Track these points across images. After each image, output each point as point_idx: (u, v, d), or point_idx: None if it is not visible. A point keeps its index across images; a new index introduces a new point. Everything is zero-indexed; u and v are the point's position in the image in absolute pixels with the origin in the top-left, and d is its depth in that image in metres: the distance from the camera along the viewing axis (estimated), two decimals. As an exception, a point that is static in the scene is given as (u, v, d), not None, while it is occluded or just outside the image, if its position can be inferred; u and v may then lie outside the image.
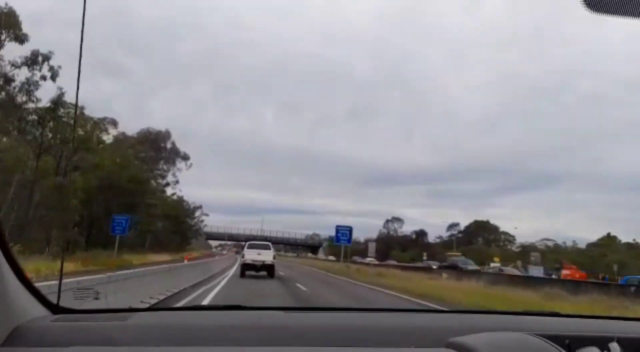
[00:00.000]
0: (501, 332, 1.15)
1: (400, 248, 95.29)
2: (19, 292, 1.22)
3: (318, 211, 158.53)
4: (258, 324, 1.37)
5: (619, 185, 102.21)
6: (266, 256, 22.74)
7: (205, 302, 10.99)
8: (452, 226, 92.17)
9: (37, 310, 1.29)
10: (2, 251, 1.11)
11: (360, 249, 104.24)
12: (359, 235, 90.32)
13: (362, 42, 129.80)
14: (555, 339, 1.06)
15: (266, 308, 1.74)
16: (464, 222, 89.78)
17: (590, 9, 1.17)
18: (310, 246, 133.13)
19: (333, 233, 42.91)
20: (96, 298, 5.29)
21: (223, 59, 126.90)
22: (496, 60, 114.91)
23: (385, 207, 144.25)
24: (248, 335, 1.24)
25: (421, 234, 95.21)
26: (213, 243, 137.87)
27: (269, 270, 22.26)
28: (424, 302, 14.19)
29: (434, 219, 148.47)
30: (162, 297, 10.34)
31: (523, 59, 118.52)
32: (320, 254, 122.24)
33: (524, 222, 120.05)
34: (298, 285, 19.81)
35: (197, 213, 76.94)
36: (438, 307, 11.46)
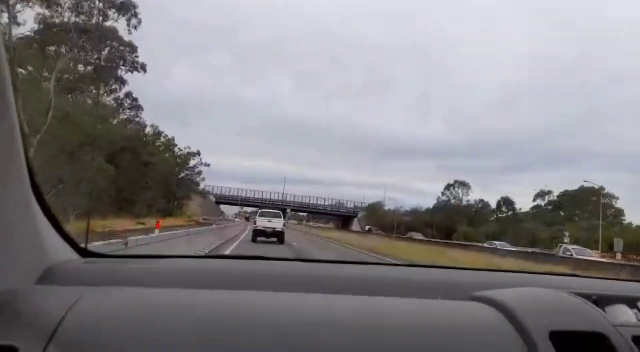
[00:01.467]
0: (525, 288, 1.18)
1: (466, 221, 72.59)
2: (50, 234, 1.26)
3: (334, 182, 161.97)
4: (281, 272, 1.43)
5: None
6: (276, 223, 25.82)
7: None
8: (541, 195, 68.74)
9: (68, 253, 1.35)
10: (34, 192, 1.14)
11: (418, 224, 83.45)
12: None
13: (382, 13, 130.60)
14: (581, 296, 1.10)
15: (290, 259, 1.79)
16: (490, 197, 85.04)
17: None
18: (341, 215, 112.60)
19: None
20: (125, 244, 5.66)
21: (240, 27, 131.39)
22: (519, 36, 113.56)
23: (401, 180, 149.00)
24: (271, 281, 1.29)
25: (506, 202, 72.08)
26: (227, 210, 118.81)
27: (279, 236, 25.25)
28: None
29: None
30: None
31: (546, 36, 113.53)
32: (355, 226, 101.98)
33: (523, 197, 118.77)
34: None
35: (194, 162, 55.50)
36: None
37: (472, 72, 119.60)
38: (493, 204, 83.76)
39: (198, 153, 58.34)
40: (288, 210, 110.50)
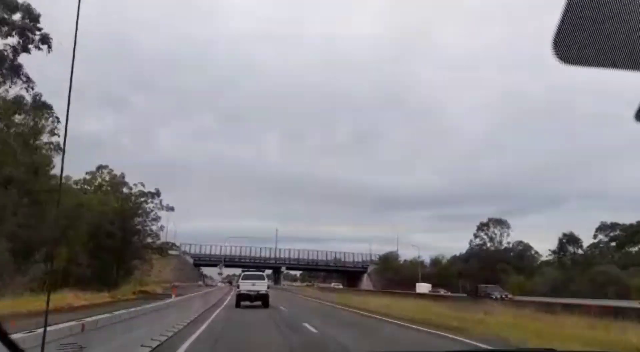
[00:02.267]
0: None
1: (512, 268, 56.86)
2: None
3: (328, 238, 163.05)
4: None
5: (625, 202, 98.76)
6: (260, 286, 25.20)
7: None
8: (604, 228, 53.86)
9: None
10: None
11: (446, 276, 67.63)
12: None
13: (363, 68, 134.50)
14: None
15: None
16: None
17: (561, 60, 1.32)
18: (346, 271, 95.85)
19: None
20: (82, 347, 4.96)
21: (225, 90, 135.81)
22: (497, 81, 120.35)
23: (393, 232, 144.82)
24: None
25: (572, 240, 57.13)
26: (212, 272, 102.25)
27: (263, 300, 24.80)
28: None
29: (446, 242, 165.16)
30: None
31: (525, 79, 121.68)
32: (366, 283, 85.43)
33: (541, 243, 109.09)
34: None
35: (150, 204, 39.37)
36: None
37: (458, 118, 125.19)
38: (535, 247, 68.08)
39: (157, 193, 42.44)
40: (283, 269, 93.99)
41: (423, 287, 64.74)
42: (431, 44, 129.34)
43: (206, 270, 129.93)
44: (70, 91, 1.28)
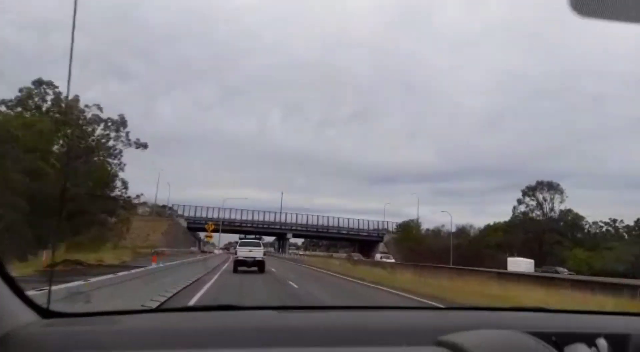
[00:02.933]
0: (490, 330, 1.24)
1: (569, 241, 46.81)
2: (8, 297, 1.26)
3: (326, 210, 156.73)
4: (249, 324, 1.47)
5: (622, 183, 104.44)
6: (257, 252, 26.73)
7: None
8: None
9: (27, 315, 1.32)
10: None
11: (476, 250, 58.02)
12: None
13: (364, 44, 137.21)
14: (542, 336, 1.18)
15: (258, 308, 1.79)
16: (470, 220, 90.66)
17: (578, 13, 1.26)
18: (358, 240, 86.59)
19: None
20: (87, 302, 5.29)
21: (228, 63, 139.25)
22: (498, 61, 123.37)
23: (389, 206, 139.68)
24: (240, 336, 1.33)
25: None
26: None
27: (259, 265, 26.25)
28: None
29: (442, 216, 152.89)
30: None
31: (525, 59, 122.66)
32: (379, 254, 76.32)
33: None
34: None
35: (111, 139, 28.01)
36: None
37: (457, 96, 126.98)
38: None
39: (122, 123, 31.66)
40: (289, 235, 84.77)
41: (522, 264, 45.55)
42: (432, 20, 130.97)
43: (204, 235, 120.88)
44: (70, 61, 1.37)
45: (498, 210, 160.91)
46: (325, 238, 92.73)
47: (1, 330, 1.13)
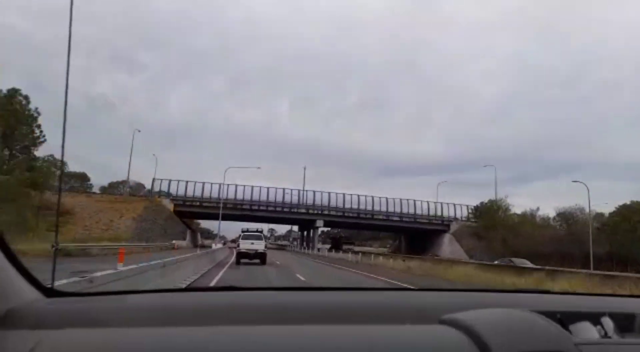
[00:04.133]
0: (493, 308, 1.26)
1: None
2: (11, 275, 1.29)
3: None
4: (252, 303, 1.50)
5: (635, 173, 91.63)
6: (258, 245, 27.49)
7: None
8: None
9: (31, 293, 1.35)
10: None
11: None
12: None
13: (375, 32, 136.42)
14: (547, 314, 1.20)
15: (261, 288, 1.85)
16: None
17: None
18: (410, 230, 64.27)
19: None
20: (90, 282, 5.38)
21: (237, 53, 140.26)
22: (511, 49, 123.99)
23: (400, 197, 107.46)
24: (243, 314, 1.36)
25: None
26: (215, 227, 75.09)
27: (261, 257, 27.27)
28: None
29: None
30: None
31: (537, 48, 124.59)
32: (449, 249, 54.55)
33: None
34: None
35: None
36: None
37: (468, 86, 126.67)
38: None
39: None
40: (318, 223, 62.15)
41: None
42: (442, 8, 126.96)
43: (203, 224, 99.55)
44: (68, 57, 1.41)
45: (515, 202, 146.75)
46: (370, 227, 69.96)
47: (5, 306, 1.16)
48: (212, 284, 17.05)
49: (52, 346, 0.94)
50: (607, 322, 1.32)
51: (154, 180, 57.76)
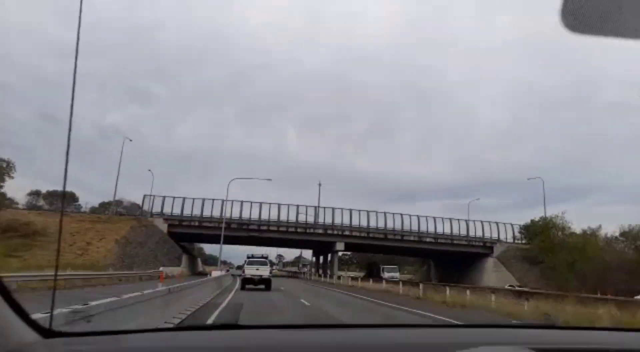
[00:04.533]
0: (497, 346, 1.30)
1: None
2: (9, 316, 1.28)
3: None
4: (256, 344, 1.47)
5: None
6: (263, 271, 28.03)
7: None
8: None
9: (29, 335, 1.34)
10: None
11: None
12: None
13: (378, 60, 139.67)
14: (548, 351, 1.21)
15: (265, 327, 1.84)
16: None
17: (570, 30, 1.31)
18: (440, 254, 55.69)
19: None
20: (88, 321, 5.27)
21: (245, 83, 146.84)
22: (512, 73, 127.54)
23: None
24: None
25: None
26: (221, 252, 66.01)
27: (266, 283, 27.60)
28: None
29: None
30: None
31: (539, 71, 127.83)
32: (494, 276, 45.79)
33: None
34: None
35: None
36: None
37: (472, 111, 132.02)
38: None
39: None
40: (338, 245, 53.50)
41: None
42: (447, 35, 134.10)
43: (205, 248, 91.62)
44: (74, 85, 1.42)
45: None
46: (398, 251, 60.82)
47: (2, 349, 1.15)
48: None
49: None
50: None
51: (144, 197, 49.89)
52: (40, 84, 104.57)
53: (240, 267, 44.52)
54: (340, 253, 54.76)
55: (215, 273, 37.85)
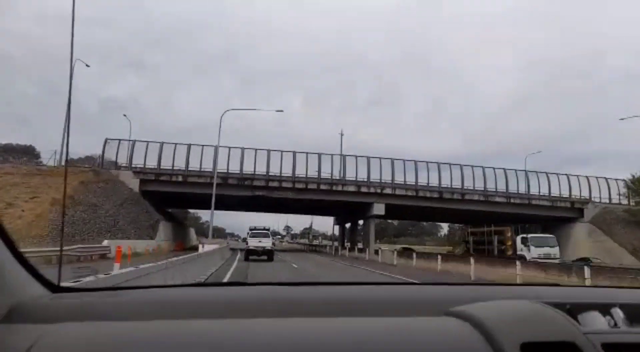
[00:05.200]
0: (499, 300, 1.27)
1: None
2: (17, 270, 1.31)
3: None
4: (258, 297, 1.51)
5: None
6: (266, 242, 28.67)
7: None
8: None
9: (36, 289, 1.38)
10: None
11: None
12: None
13: (385, 29, 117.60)
14: (555, 305, 1.20)
15: (268, 283, 1.85)
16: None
17: None
18: (514, 219, 41.50)
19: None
20: (95, 275, 5.43)
21: (247, 54, 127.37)
22: (523, 42, 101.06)
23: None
24: (249, 308, 1.37)
25: None
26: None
27: (268, 254, 28.31)
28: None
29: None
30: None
31: (550, 40, 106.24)
32: (585, 243, 31.21)
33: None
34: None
35: None
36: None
37: (480, 80, 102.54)
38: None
39: None
40: (377, 208, 39.53)
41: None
42: (448, 6, 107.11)
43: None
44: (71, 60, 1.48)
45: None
46: (450, 216, 46.40)
47: (11, 301, 1.19)
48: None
49: (53, 338, 0.95)
50: (617, 313, 1.30)
51: (106, 141, 36.45)
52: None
53: (245, 240, 35.35)
54: (372, 219, 40.96)
55: (207, 247, 25.09)
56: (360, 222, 46.23)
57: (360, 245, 44.71)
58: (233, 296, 1.47)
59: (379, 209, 38.45)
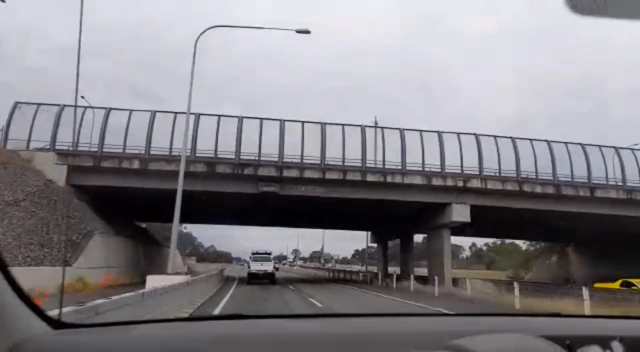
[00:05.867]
0: (499, 333, 1.28)
1: None
2: (18, 307, 1.31)
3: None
4: (261, 333, 1.54)
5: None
6: (267, 266, 30.04)
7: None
8: None
9: (38, 326, 1.38)
10: None
11: None
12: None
13: (383, 54, 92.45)
14: (555, 339, 1.21)
15: (270, 316, 1.90)
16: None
17: (574, 11, 1.34)
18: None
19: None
20: (97, 313, 5.57)
21: (249, 81, 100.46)
22: (517, 63, 47.16)
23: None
24: (252, 344, 1.39)
25: None
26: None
27: (270, 277, 29.75)
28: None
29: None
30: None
31: (544, 60, 58.58)
32: None
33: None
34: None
35: None
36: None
37: (475, 100, 78.16)
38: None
39: None
40: (456, 213, 24.41)
41: None
42: (448, 28, 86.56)
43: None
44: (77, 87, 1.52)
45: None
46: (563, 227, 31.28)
47: (12, 340, 1.17)
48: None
49: None
50: (617, 347, 1.30)
51: (16, 105, 22.94)
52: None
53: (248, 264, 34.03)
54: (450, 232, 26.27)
55: (166, 280, 12.34)
56: (417, 236, 31.63)
57: (418, 271, 30.66)
58: (236, 332, 1.45)
59: (460, 213, 24.15)
